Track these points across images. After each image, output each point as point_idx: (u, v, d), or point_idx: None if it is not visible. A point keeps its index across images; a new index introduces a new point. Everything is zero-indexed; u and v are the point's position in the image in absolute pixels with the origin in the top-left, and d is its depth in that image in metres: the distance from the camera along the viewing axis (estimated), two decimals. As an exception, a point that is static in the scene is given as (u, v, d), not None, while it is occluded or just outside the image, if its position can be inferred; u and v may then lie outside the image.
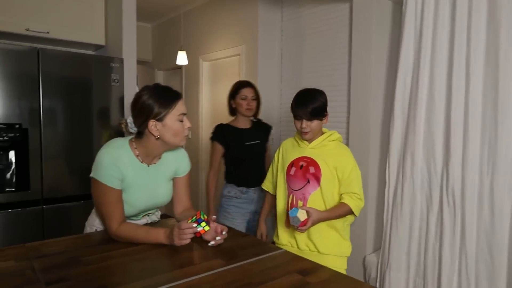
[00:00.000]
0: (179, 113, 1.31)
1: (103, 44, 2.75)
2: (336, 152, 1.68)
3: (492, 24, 1.90)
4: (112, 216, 1.30)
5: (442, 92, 2.09)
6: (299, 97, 1.69)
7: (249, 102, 2.22)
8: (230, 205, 2.25)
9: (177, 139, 1.33)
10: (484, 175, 1.96)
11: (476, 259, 1.98)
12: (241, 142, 2.23)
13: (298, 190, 1.68)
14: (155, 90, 1.32)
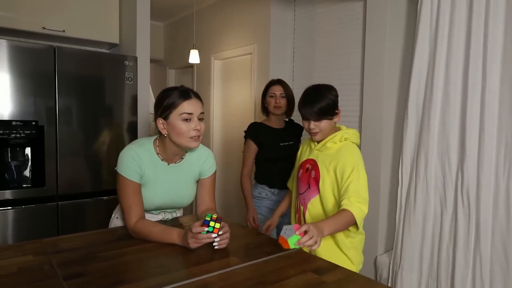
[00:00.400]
0: (181, 112, 1.29)
1: (117, 42, 2.78)
2: (338, 154, 1.50)
3: (510, 22, 1.87)
4: (131, 210, 1.33)
5: (457, 92, 2.06)
6: (305, 96, 1.55)
7: (277, 100, 2.17)
8: (262, 206, 2.21)
9: (181, 139, 1.32)
10: (500, 176, 1.93)
11: (491, 261, 1.95)
12: (276, 142, 2.19)
13: (301, 194, 1.60)
14: (170, 89, 1.35)
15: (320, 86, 1.58)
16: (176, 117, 1.30)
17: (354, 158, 1.48)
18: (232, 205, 3.86)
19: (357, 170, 1.45)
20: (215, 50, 3.89)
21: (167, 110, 1.30)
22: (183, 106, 1.30)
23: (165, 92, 1.34)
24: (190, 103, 1.31)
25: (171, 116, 1.30)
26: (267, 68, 3.18)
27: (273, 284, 1.00)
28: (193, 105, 1.31)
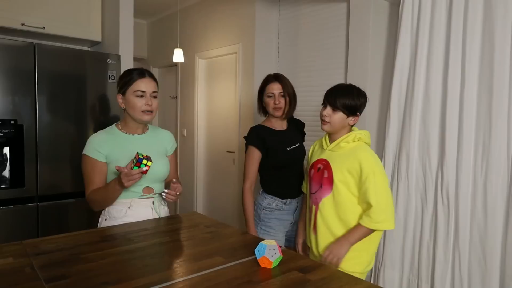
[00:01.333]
0: (136, 89, 1.50)
1: (99, 40, 2.73)
2: (352, 154, 1.52)
3: (487, 26, 1.93)
4: (90, 183, 1.51)
5: (438, 93, 2.11)
6: (336, 86, 1.60)
7: (276, 100, 1.88)
8: (272, 218, 1.93)
9: (135, 113, 1.52)
10: (478, 175, 1.99)
11: (469, 258, 2.01)
12: (283, 147, 1.91)
13: (313, 194, 1.62)
14: (128, 70, 1.56)
15: (353, 86, 1.63)
16: (131, 93, 1.51)
17: (370, 160, 1.49)
18: (216, 198, 3.85)
19: (373, 174, 1.46)
20: (200, 49, 3.87)
21: (124, 87, 1.52)
22: (137, 83, 1.50)
23: (125, 72, 1.56)
24: (143, 82, 1.51)
25: (127, 92, 1.52)
26: (251, 68, 3.19)
27: (259, 284, 1.01)
28: (146, 83, 1.52)
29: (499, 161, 1.91)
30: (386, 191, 1.48)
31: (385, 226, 1.47)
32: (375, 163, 1.50)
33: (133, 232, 1.38)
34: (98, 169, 1.51)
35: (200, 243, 1.30)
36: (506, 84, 1.89)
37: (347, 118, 1.54)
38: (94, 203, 1.52)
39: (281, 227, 1.95)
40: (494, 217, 1.93)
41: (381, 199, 1.46)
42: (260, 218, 1.96)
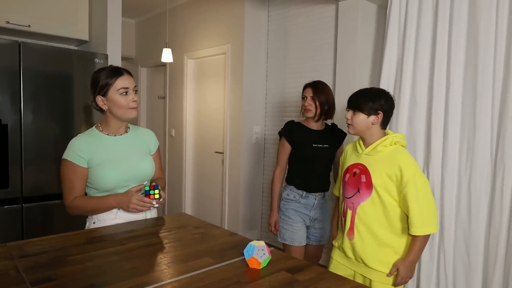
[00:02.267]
0: (119, 87, 1.46)
1: (87, 39, 2.70)
2: (391, 157, 1.51)
3: (472, 29, 1.97)
4: (72, 189, 1.46)
5: (424, 94, 2.15)
6: (357, 90, 1.64)
7: (306, 102, 2.09)
8: (289, 208, 2.11)
9: (122, 111, 1.49)
10: (462, 175, 2.03)
11: (453, 257, 2.05)
12: (309, 142, 2.09)
13: (349, 198, 1.61)
14: (102, 69, 1.50)
15: (372, 88, 1.64)
16: (115, 92, 1.47)
17: (410, 163, 1.49)
18: (204, 199, 3.84)
19: (414, 177, 1.45)
20: (189, 49, 3.86)
21: (105, 88, 1.47)
22: (119, 81, 1.47)
23: (98, 73, 1.50)
24: (124, 79, 1.48)
25: (110, 92, 1.47)
26: (241, 68, 3.19)
27: (248, 284, 1.01)
28: (127, 80, 1.49)
29: (483, 161, 1.96)
30: (427, 194, 1.48)
31: (430, 229, 1.46)
32: (415, 166, 1.50)
33: (121, 234, 1.37)
34: (79, 175, 1.47)
35: (189, 244, 1.29)
36: (489, 86, 1.93)
37: (368, 118, 1.54)
38: (77, 211, 1.48)
39: (299, 218, 2.10)
40: (477, 217, 1.97)
41: (423, 203, 1.45)
42: (280, 208, 2.17)
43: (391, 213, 1.52)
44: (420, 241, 1.48)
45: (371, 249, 1.54)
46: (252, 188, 3.32)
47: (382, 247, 1.53)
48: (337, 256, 1.70)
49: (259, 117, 3.31)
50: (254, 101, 3.26)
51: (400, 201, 1.50)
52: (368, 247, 1.54)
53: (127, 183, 1.52)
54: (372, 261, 1.54)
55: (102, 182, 1.48)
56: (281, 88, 3.17)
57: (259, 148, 3.35)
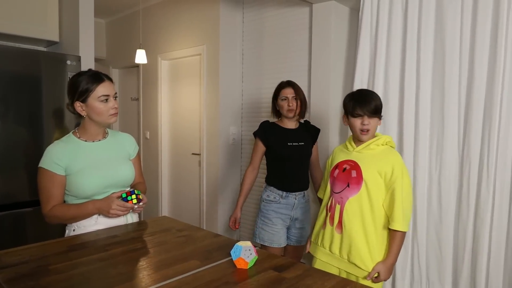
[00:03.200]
0: (100, 94, 1.44)
1: (57, 40, 2.61)
2: (382, 156, 1.59)
3: (439, 33, 2.08)
4: (50, 198, 1.43)
5: (395, 94, 2.23)
6: (359, 95, 1.64)
7: (290, 103, 2.10)
8: (270, 210, 2.12)
9: (102, 118, 1.48)
10: (433, 171, 2.13)
11: (426, 249, 2.15)
12: (284, 141, 2.11)
13: (338, 193, 1.65)
14: (81, 75, 1.47)
15: (369, 90, 1.70)
16: (95, 99, 1.44)
17: (401, 164, 1.58)
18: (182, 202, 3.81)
19: (402, 177, 1.54)
20: (163, 50, 3.81)
21: (85, 94, 1.44)
22: (100, 89, 1.45)
23: (77, 78, 1.46)
24: (105, 86, 1.46)
25: (89, 99, 1.44)
26: (217, 69, 3.19)
27: (237, 284, 1.03)
28: (107, 87, 1.47)
29: (452, 157, 2.07)
30: (410, 195, 1.58)
31: (407, 227, 1.54)
32: (404, 167, 1.58)
33: (103, 240, 1.35)
34: (57, 183, 1.43)
35: (174, 248, 1.29)
36: (455, 86, 2.04)
37: (379, 121, 1.63)
38: (56, 219, 1.45)
39: (279, 220, 2.11)
40: (447, 210, 2.08)
41: (406, 202, 1.54)
42: (260, 210, 2.18)
43: (376, 209, 1.58)
44: (399, 240, 1.55)
45: (358, 243, 1.59)
46: (230, 189, 3.33)
47: (367, 241, 1.59)
48: (320, 255, 1.73)
49: (235, 118, 3.32)
50: (230, 102, 3.27)
51: (387, 197, 1.57)
52: (355, 241, 1.59)
53: (107, 190, 1.50)
54: (357, 256, 1.59)
55: (81, 189, 1.45)
56: (257, 88, 3.19)
57: (236, 148, 3.36)
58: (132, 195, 1.46)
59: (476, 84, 1.96)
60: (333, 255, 1.67)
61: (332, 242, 1.66)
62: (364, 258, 1.58)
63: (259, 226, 2.16)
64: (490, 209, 1.93)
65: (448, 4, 2.03)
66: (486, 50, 1.93)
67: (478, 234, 1.96)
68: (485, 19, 1.92)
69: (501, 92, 1.90)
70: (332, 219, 1.67)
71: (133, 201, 1.46)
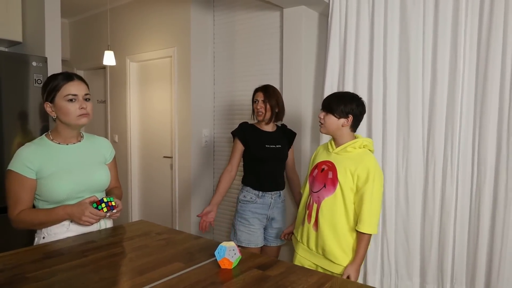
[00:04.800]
0: (65, 94, 1.40)
1: (20, 40, 2.49)
2: (357, 159, 1.63)
3: (403, 39, 2.20)
4: (18, 202, 1.37)
5: (364, 96, 2.31)
6: (331, 93, 1.75)
7: (258, 105, 2.15)
8: (246, 210, 2.16)
9: (69, 118, 1.42)
10: (400, 170, 2.24)
11: (395, 244, 2.26)
12: (261, 143, 2.16)
13: (315, 192, 1.70)
14: (52, 76, 1.45)
15: (346, 93, 1.73)
16: (61, 98, 1.41)
17: (376, 168, 1.62)
18: (153, 206, 3.75)
19: (373, 181, 1.59)
20: (131, 51, 3.73)
21: (52, 93, 1.41)
22: (65, 88, 1.41)
23: (49, 78, 1.44)
24: (72, 85, 1.42)
25: (56, 99, 1.41)
26: (188, 72, 3.17)
27: (222, 284, 1.04)
28: (75, 87, 1.42)
29: (417, 157, 2.19)
30: (379, 199, 1.62)
31: (374, 230, 1.60)
32: (378, 172, 1.63)
33: (80, 246, 1.31)
34: (26, 187, 1.37)
35: (155, 251, 1.28)
36: (419, 89, 2.17)
37: (338, 120, 1.65)
38: (24, 224, 1.39)
39: (256, 220, 2.15)
40: (414, 206, 2.20)
41: (375, 205, 1.59)
42: (237, 210, 2.21)
43: (350, 210, 1.64)
44: (366, 242, 1.61)
45: (331, 242, 1.65)
46: (203, 192, 3.31)
47: (339, 241, 1.65)
48: (300, 251, 1.79)
49: (208, 120, 3.31)
50: (202, 104, 3.26)
51: (357, 199, 1.63)
52: (328, 239, 1.65)
53: (80, 194, 1.45)
54: (331, 253, 1.65)
55: (53, 193, 1.40)
56: (229, 91, 3.21)
57: (208, 151, 3.35)
58: (102, 203, 1.40)
59: (439, 87, 2.09)
60: (311, 251, 1.73)
61: (309, 238, 1.73)
62: (338, 255, 1.65)
63: (236, 227, 2.18)
64: (454, 204, 2.07)
65: (412, 11, 2.15)
66: (447, 54, 2.07)
67: (444, 228, 2.09)
68: (445, 24, 2.06)
69: (461, 94, 2.04)
70: (310, 216, 1.73)
71: (103, 209, 1.40)
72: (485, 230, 1.98)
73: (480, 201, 1.99)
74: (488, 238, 1.98)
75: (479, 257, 1.99)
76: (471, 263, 2.04)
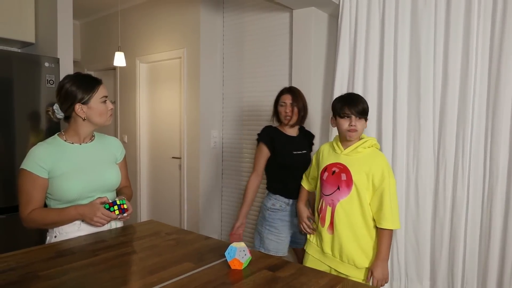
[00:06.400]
0: (101, 95, 1.48)
1: (33, 41, 2.53)
2: (370, 159, 1.64)
3: (414, 39, 2.18)
4: (29, 201, 1.39)
5: (374, 97, 2.32)
6: (347, 97, 1.69)
7: (287, 109, 2.05)
8: (276, 218, 2.05)
9: (102, 118, 1.50)
10: (410, 171, 2.22)
11: (405, 244, 2.24)
12: (289, 150, 2.06)
13: (328, 195, 1.68)
14: (77, 77, 1.48)
15: (357, 94, 1.73)
16: (97, 100, 1.46)
17: (388, 165, 1.65)
18: (162, 206, 3.76)
19: (389, 178, 1.61)
20: (141, 53, 3.76)
21: (88, 95, 1.45)
22: (101, 90, 1.48)
23: (74, 81, 1.45)
24: (104, 87, 1.50)
25: (92, 100, 1.45)
26: (197, 73, 3.19)
27: (233, 285, 1.04)
28: (105, 89, 1.52)
29: (427, 157, 2.16)
30: (395, 194, 1.64)
31: (398, 225, 1.61)
32: (390, 168, 1.66)
33: (91, 245, 1.32)
34: (38, 186, 1.39)
35: (166, 251, 1.28)
36: (430, 91, 2.15)
37: (365, 123, 1.67)
38: (35, 224, 1.40)
39: (285, 228, 2.06)
40: (424, 208, 2.17)
41: (393, 201, 1.61)
42: (265, 218, 2.08)
43: (366, 210, 1.64)
44: (388, 238, 1.61)
45: (350, 244, 1.64)
46: (212, 193, 3.32)
47: (358, 242, 1.65)
48: (313, 252, 1.78)
49: (216, 121, 3.32)
50: (211, 105, 3.27)
51: (375, 198, 1.62)
52: (347, 242, 1.64)
53: (91, 194, 1.47)
54: (350, 256, 1.64)
55: (65, 193, 1.41)
56: (238, 92, 3.21)
57: (217, 152, 3.36)
58: (114, 206, 1.43)
59: (450, 89, 2.07)
60: (325, 254, 1.72)
61: (323, 241, 1.71)
62: (357, 258, 1.64)
63: (263, 235, 2.07)
64: (465, 206, 2.04)
65: (423, 12, 2.13)
66: (459, 55, 2.04)
67: (455, 230, 2.06)
68: (457, 25, 2.04)
69: (473, 96, 2.02)
70: (323, 220, 1.71)
71: (115, 212, 1.42)
72: (497, 233, 1.95)
73: (492, 203, 1.96)
74: (500, 240, 1.95)
75: (491, 260, 1.96)
76: (482, 266, 2.01)
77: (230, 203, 3.34)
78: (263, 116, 3.01)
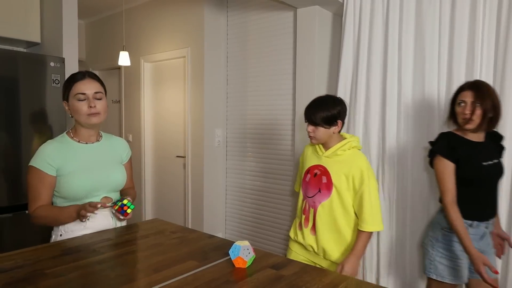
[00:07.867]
0: (76, 92, 1.42)
1: (38, 41, 2.55)
2: (349, 161, 1.63)
3: (418, 39, 2.17)
4: (37, 197, 1.41)
5: (377, 97, 2.31)
6: (311, 102, 1.69)
7: (466, 110, 1.60)
8: (453, 241, 1.65)
9: (80, 117, 1.44)
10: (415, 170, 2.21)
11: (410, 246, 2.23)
12: (477, 161, 1.63)
13: (310, 197, 1.71)
14: (70, 75, 1.47)
15: (327, 97, 1.70)
16: (72, 97, 1.43)
17: (368, 167, 1.64)
18: (166, 205, 3.78)
19: (369, 180, 1.61)
20: (145, 52, 3.78)
21: (66, 92, 1.44)
22: (76, 87, 1.42)
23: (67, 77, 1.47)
24: (82, 83, 1.42)
25: (69, 98, 1.44)
26: (201, 72, 3.20)
27: (237, 283, 1.04)
28: (85, 85, 1.42)
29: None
30: (377, 196, 1.64)
31: (379, 227, 1.62)
32: (370, 170, 1.65)
33: (96, 243, 1.33)
34: (46, 183, 1.41)
35: (170, 249, 1.29)
36: (434, 91, 2.14)
37: (330, 129, 1.64)
38: (40, 220, 1.42)
39: (464, 254, 1.59)
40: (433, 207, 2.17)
41: (374, 203, 1.61)
42: (438, 240, 1.70)
43: (350, 211, 1.66)
44: (365, 238, 1.62)
45: (332, 245, 1.67)
46: (216, 192, 3.33)
47: (342, 241, 1.67)
48: (296, 248, 1.81)
49: (220, 120, 3.33)
50: (215, 104, 3.28)
51: (356, 200, 1.64)
52: (329, 243, 1.68)
53: (97, 193, 1.48)
54: (331, 255, 1.68)
55: (71, 191, 1.43)
56: (242, 91, 3.22)
57: (221, 151, 3.37)
58: (123, 201, 1.43)
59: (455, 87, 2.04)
60: (309, 252, 1.75)
61: (308, 241, 1.74)
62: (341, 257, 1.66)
63: (435, 258, 1.71)
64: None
65: (427, 11, 2.13)
66: (464, 54, 2.03)
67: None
68: (462, 22, 2.02)
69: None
70: (307, 221, 1.74)
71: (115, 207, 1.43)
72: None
73: (497, 203, 1.95)
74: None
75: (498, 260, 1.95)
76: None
77: (234, 201, 3.35)
78: (267, 115, 3.01)
